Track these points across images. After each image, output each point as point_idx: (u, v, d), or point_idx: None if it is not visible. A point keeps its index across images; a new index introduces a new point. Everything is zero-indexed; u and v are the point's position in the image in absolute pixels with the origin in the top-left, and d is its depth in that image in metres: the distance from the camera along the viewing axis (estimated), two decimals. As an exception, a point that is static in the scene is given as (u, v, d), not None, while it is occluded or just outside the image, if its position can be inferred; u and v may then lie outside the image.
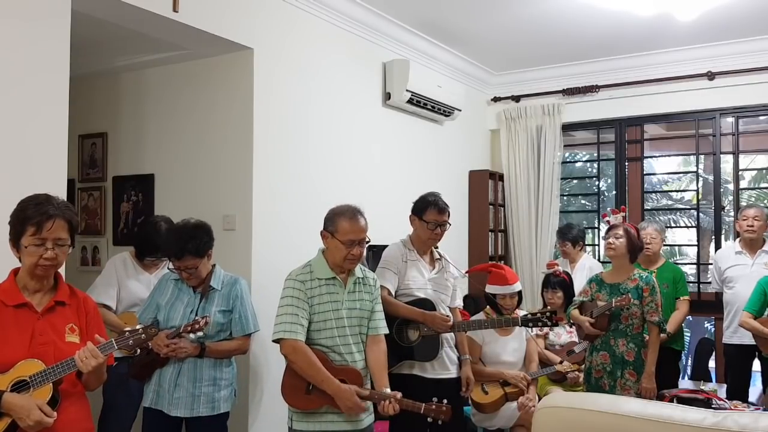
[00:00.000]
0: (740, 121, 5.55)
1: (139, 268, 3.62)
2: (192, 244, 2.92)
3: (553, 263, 4.63)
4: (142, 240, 3.62)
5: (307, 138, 4.20)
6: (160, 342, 2.88)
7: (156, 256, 3.58)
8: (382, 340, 2.94)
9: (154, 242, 3.48)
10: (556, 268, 4.49)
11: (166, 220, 3.59)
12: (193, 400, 2.95)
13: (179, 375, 2.95)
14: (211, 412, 2.99)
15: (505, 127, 6.23)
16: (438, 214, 3.34)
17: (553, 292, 4.40)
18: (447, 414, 2.71)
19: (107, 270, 3.59)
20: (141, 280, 3.58)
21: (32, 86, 2.81)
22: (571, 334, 4.31)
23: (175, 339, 2.88)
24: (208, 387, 2.98)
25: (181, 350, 2.90)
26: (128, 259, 3.64)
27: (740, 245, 4.56)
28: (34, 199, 2.16)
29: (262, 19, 3.87)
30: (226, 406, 3.07)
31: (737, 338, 4.40)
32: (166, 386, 2.96)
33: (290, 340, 2.72)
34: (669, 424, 1.61)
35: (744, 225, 4.46)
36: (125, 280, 3.55)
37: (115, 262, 3.62)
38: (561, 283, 4.40)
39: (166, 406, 2.95)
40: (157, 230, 3.50)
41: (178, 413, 2.95)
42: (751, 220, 4.43)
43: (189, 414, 2.95)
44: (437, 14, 4.74)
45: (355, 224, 2.81)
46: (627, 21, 4.79)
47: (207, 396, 2.98)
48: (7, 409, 2.01)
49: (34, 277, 2.16)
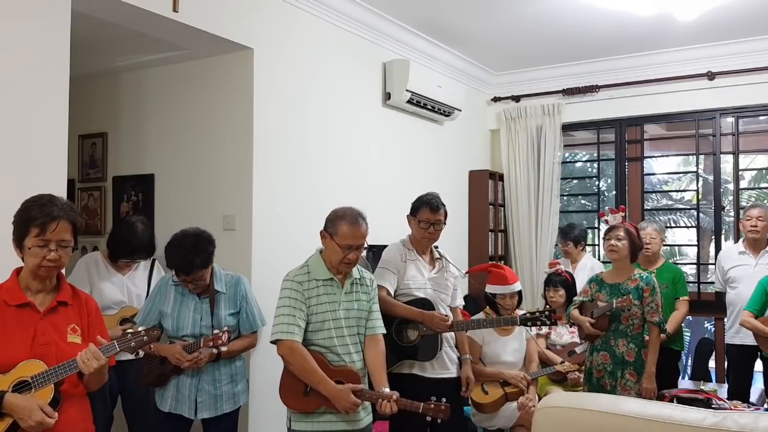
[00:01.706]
0: (740, 121, 5.54)
1: (112, 269, 3.53)
2: (200, 259, 2.90)
3: (555, 262, 4.64)
4: (117, 241, 3.51)
5: (307, 138, 4.20)
6: (180, 356, 2.89)
7: (132, 257, 3.51)
8: (381, 339, 2.94)
9: (130, 243, 3.45)
10: (558, 267, 4.50)
11: (142, 221, 3.56)
12: (215, 400, 3.01)
13: (200, 381, 2.99)
14: (233, 407, 3.07)
15: (505, 127, 6.23)
16: (430, 213, 3.34)
17: (555, 290, 4.40)
18: (445, 413, 2.71)
19: (78, 270, 3.48)
20: (114, 281, 3.51)
21: (32, 86, 2.81)
22: (573, 334, 4.30)
23: (194, 352, 2.90)
24: (227, 385, 3.05)
25: (201, 362, 2.93)
26: (100, 259, 3.55)
27: (743, 245, 4.55)
28: (38, 200, 2.15)
29: (262, 19, 3.88)
30: (244, 397, 3.17)
31: (739, 338, 4.39)
32: (186, 392, 2.98)
33: (287, 341, 2.72)
34: (669, 424, 1.61)
35: (747, 225, 4.45)
36: (97, 281, 3.46)
37: (87, 262, 3.52)
38: (563, 281, 4.41)
39: (188, 411, 2.98)
40: (133, 231, 3.46)
41: (203, 415, 3.00)
42: (755, 220, 4.41)
43: (214, 414, 3.01)
44: (437, 14, 4.74)
45: (356, 230, 2.80)
46: (627, 21, 4.79)
47: (228, 393, 3.05)
48: (9, 409, 2.00)
49: (37, 277, 2.15)
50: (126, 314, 3.46)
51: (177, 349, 2.89)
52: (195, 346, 2.89)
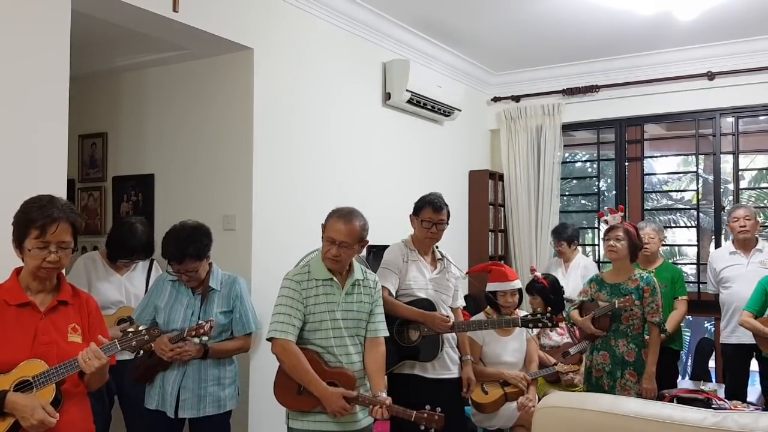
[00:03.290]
0: (740, 121, 5.55)
1: (110, 269, 3.53)
2: (193, 247, 2.90)
3: (533, 268, 4.52)
4: (116, 241, 3.51)
5: (307, 138, 4.20)
6: (164, 346, 2.86)
7: (131, 257, 3.51)
8: (382, 342, 2.90)
9: (129, 244, 3.44)
10: (535, 274, 4.40)
11: (141, 221, 3.56)
12: (198, 400, 2.96)
13: (184, 377, 2.95)
14: (217, 411, 3.00)
15: (505, 127, 6.24)
16: (433, 213, 3.33)
17: (533, 298, 4.36)
18: (439, 423, 2.61)
19: (76, 270, 3.48)
20: (112, 281, 3.51)
21: (32, 86, 2.81)
22: (563, 335, 4.30)
23: (179, 343, 2.88)
24: (213, 387, 2.99)
25: (185, 354, 2.89)
26: (98, 259, 3.55)
27: (734, 246, 4.57)
28: (37, 201, 2.14)
29: (262, 19, 3.88)
30: (231, 403, 3.08)
31: (735, 338, 4.40)
32: (170, 389, 2.95)
33: (281, 340, 2.71)
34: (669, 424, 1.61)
35: (736, 226, 4.46)
36: (95, 281, 3.46)
37: (85, 261, 3.52)
38: (540, 289, 4.32)
39: (169, 409, 2.95)
40: (132, 232, 3.46)
41: (184, 414, 2.95)
42: (743, 220, 4.43)
43: (196, 414, 2.96)
44: (437, 14, 4.74)
45: (338, 225, 2.76)
46: (627, 21, 4.80)
47: (212, 395, 2.99)
48: (11, 408, 2.00)
49: (37, 278, 2.15)
50: (124, 314, 3.46)
51: (162, 340, 2.86)
52: (179, 336, 2.87)
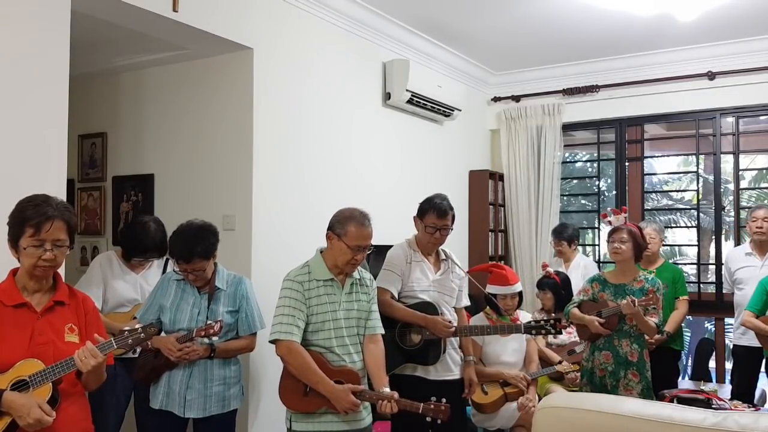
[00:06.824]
0: (740, 121, 5.54)
1: (126, 267, 3.54)
2: (201, 246, 2.90)
3: (545, 264, 4.73)
4: (130, 240, 3.53)
5: (307, 138, 4.20)
6: (172, 346, 2.87)
7: (144, 256, 3.52)
8: (380, 339, 2.93)
9: (143, 243, 3.45)
10: (547, 269, 4.55)
11: (155, 220, 3.56)
12: (205, 400, 2.96)
13: (190, 377, 2.96)
14: (222, 410, 3.01)
15: (505, 127, 6.23)
16: (437, 218, 3.30)
17: (543, 293, 4.49)
18: (445, 413, 2.70)
19: (92, 269, 3.51)
20: (127, 280, 3.52)
21: (32, 86, 2.81)
22: (570, 334, 4.31)
23: (187, 343, 2.88)
24: (219, 386, 3.00)
25: (193, 354, 2.90)
26: (114, 258, 3.56)
27: (750, 246, 4.54)
28: (32, 200, 2.14)
29: (262, 19, 3.87)
30: (236, 402, 3.10)
31: (746, 339, 4.35)
32: (176, 388, 2.96)
33: (285, 341, 2.72)
34: (669, 424, 1.61)
35: (753, 227, 4.43)
36: (111, 280, 3.48)
37: (101, 261, 3.54)
38: (552, 284, 4.47)
39: (177, 408, 2.96)
40: (146, 231, 3.46)
41: (191, 414, 2.96)
42: (761, 221, 4.39)
43: (202, 414, 2.96)
44: (437, 14, 4.74)
45: (364, 231, 2.81)
46: (627, 21, 4.79)
47: (218, 395, 3.00)
48: (8, 407, 2.00)
49: (33, 277, 2.15)
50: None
51: (170, 340, 2.87)
52: (188, 336, 2.87)
